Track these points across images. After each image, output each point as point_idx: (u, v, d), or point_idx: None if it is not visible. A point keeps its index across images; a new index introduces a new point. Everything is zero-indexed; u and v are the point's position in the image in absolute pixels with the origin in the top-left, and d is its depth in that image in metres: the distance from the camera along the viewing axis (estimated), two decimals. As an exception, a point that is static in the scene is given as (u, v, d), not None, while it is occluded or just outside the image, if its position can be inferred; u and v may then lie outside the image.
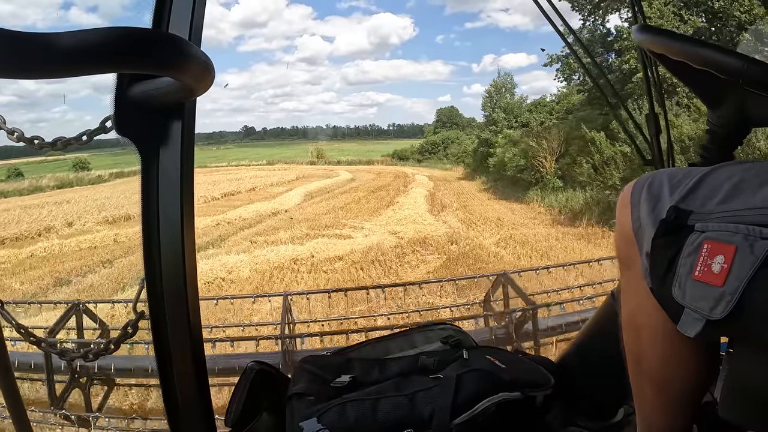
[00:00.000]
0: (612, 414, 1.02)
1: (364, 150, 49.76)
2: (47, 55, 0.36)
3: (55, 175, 29.04)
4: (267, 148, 56.96)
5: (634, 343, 0.71)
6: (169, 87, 0.55)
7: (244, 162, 44.16)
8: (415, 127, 62.21)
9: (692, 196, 0.61)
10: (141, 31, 0.43)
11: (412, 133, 60.48)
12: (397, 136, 63.03)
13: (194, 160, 0.65)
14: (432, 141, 40.24)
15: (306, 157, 44.69)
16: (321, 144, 50.45)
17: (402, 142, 49.73)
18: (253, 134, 67.15)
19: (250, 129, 68.83)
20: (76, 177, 29.74)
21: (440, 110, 46.66)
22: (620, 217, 0.70)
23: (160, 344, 0.66)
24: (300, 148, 50.63)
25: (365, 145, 54.95)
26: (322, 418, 0.83)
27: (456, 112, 45.54)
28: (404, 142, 49.94)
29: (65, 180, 28.77)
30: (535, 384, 0.93)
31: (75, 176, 29.97)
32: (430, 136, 42.47)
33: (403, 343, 1.13)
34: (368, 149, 50.25)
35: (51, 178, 28.23)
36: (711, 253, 0.55)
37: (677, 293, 0.58)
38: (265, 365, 0.99)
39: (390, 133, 66.01)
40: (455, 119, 44.45)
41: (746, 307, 0.52)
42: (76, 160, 32.63)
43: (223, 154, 51.50)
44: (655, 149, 1.06)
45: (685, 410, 0.71)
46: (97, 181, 29.46)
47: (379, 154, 44.33)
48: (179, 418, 0.69)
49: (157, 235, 0.63)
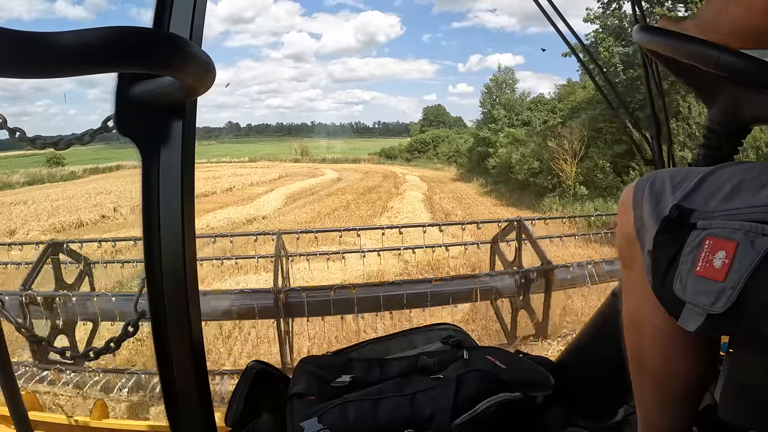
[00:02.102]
0: (612, 414, 1.02)
1: (350, 148, 49.07)
2: (48, 54, 0.36)
3: (27, 171, 27.64)
4: (251, 144, 55.94)
5: (635, 342, 0.72)
6: (170, 87, 0.55)
7: (225, 159, 42.51)
8: (401, 126, 62.13)
9: (694, 195, 0.61)
10: (142, 31, 0.43)
11: (397, 131, 60.34)
12: (382, 134, 62.65)
13: (195, 158, 0.65)
14: (421, 139, 39.36)
15: (290, 154, 43.58)
16: (305, 141, 49.22)
17: (387, 141, 49.19)
18: (237, 130, 66.44)
19: (235, 125, 68.27)
20: (49, 173, 28.09)
21: (427, 108, 46.45)
22: (622, 217, 0.70)
23: (161, 342, 0.66)
24: (284, 144, 49.48)
25: (351, 143, 54.34)
26: (322, 418, 0.83)
27: (443, 111, 45.25)
28: (390, 140, 49.37)
29: (37, 176, 27.05)
30: (535, 384, 0.93)
31: (48, 172, 28.26)
32: (416, 134, 41.78)
33: (403, 343, 1.13)
34: (354, 147, 49.57)
35: (23, 174, 26.75)
36: (713, 249, 0.55)
37: (678, 288, 0.58)
38: (266, 365, 0.99)
39: (375, 131, 65.70)
40: (442, 118, 44.12)
41: (747, 301, 0.53)
42: (50, 154, 30.02)
43: (206, 150, 49.98)
44: (656, 149, 1.06)
45: (685, 409, 0.71)
46: (69, 178, 27.92)
47: (365, 152, 43.50)
48: (179, 417, 0.69)
49: (157, 234, 0.63)
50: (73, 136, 0.64)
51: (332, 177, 27.78)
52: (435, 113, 45.08)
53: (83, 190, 20.26)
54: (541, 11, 1.07)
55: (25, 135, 0.67)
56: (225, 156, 44.16)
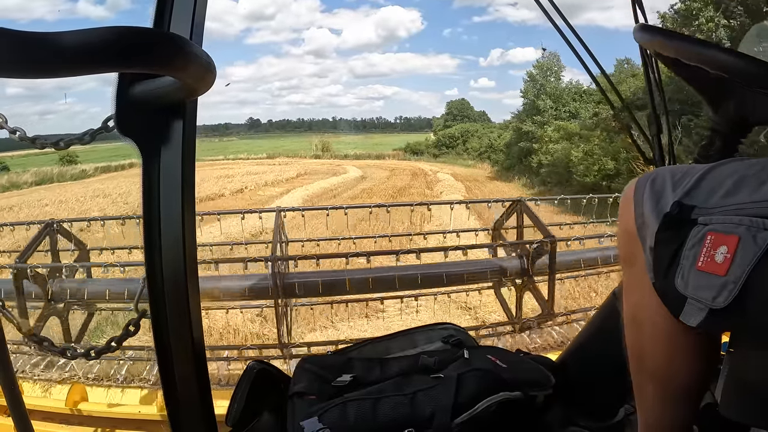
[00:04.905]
0: (612, 414, 1.02)
1: (373, 143, 48.15)
2: (48, 54, 0.36)
3: (39, 170, 26.47)
4: (270, 140, 55.05)
5: (636, 340, 0.72)
6: (171, 86, 0.55)
7: (243, 155, 40.44)
8: (423, 120, 61.25)
9: (695, 191, 0.61)
10: (142, 31, 0.43)
11: (419, 126, 59.67)
12: (404, 129, 62.07)
13: (195, 158, 0.65)
14: (449, 134, 36.96)
15: (310, 150, 41.30)
16: (327, 136, 47.98)
17: (410, 136, 48.42)
18: (258, 126, 65.86)
19: (255, 121, 67.40)
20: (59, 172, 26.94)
21: (450, 103, 44.92)
22: (623, 215, 0.70)
23: (161, 343, 0.66)
24: (304, 140, 47.72)
25: (372, 138, 53.68)
26: (323, 417, 0.83)
27: (467, 105, 43.80)
28: (412, 135, 48.61)
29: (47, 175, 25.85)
30: (535, 383, 0.93)
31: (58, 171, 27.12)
32: (440, 129, 40.19)
33: (404, 342, 1.13)
34: (376, 142, 48.56)
35: (33, 173, 25.77)
36: (714, 244, 0.55)
37: (680, 284, 0.59)
38: (266, 365, 0.99)
39: (397, 126, 64.95)
40: (466, 112, 42.67)
41: (749, 296, 0.53)
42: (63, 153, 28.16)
43: (225, 146, 49.48)
44: (657, 148, 1.06)
45: (686, 408, 0.71)
46: (80, 177, 26.87)
47: (388, 147, 41.99)
48: (180, 417, 0.70)
49: (158, 234, 0.63)
50: (73, 136, 0.64)
51: (355, 175, 25.08)
52: (459, 107, 43.18)
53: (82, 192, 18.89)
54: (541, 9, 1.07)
55: (25, 135, 0.67)
56: (243, 152, 42.25)
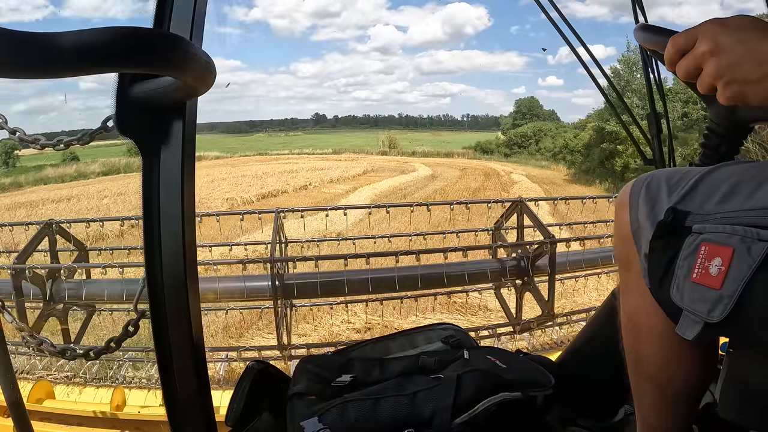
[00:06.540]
0: (612, 414, 1.02)
1: (439, 140, 47.51)
2: (48, 54, 0.36)
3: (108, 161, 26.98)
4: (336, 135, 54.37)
5: (634, 344, 0.71)
6: (170, 86, 0.55)
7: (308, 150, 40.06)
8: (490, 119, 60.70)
9: (690, 196, 0.61)
10: (142, 31, 0.43)
11: (486, 124, 59.12)
12: (471, 127, 61.50)
13: (195, 158, 0.65)
14: (521, 133, 35.43)
15: (377, 146, 40.22)
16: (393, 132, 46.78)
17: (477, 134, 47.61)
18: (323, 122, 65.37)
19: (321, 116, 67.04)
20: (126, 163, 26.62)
21: (519, 101, 43.45)
22: (619, 218, 0.70)
23: (161, 343, 0.66)
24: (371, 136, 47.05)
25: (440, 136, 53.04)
26: (322, 417, 0.83)
27: (536, 103, 42.52)
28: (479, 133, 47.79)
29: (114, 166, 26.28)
30: (535, 384, 0.93)
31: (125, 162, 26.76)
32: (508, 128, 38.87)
33: (404, 342, 1.13)
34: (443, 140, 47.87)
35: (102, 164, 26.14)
36: (709, 255, 0.55)
37: (675, 295, 0.58)
38: (266, 365, 0.99)
39: (464, 123, 64.28)
40: (536, 110, 41.41)
41: (744, 310, 0.52)
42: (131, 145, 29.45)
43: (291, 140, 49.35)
44: (656, 149, 1.06)
45: (685, 410, 0.71)
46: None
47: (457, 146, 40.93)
48: (180, 417, 0.70)
49: (158, 234, 0.63)
50: (73, 136, 0.64)
51: (425, 174, 23.78)
52: (528, 106, 41.79)
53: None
54: (541, 10, 1.07)
55: (25, 135, 0.67)
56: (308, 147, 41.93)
